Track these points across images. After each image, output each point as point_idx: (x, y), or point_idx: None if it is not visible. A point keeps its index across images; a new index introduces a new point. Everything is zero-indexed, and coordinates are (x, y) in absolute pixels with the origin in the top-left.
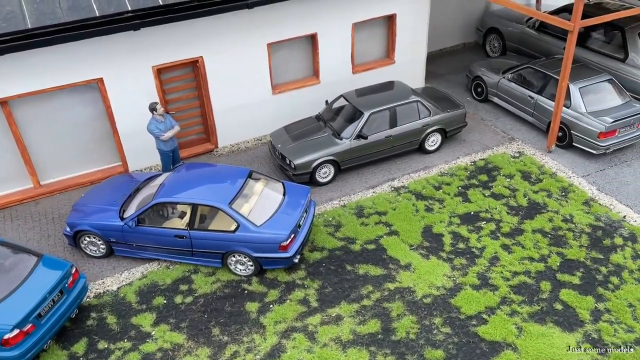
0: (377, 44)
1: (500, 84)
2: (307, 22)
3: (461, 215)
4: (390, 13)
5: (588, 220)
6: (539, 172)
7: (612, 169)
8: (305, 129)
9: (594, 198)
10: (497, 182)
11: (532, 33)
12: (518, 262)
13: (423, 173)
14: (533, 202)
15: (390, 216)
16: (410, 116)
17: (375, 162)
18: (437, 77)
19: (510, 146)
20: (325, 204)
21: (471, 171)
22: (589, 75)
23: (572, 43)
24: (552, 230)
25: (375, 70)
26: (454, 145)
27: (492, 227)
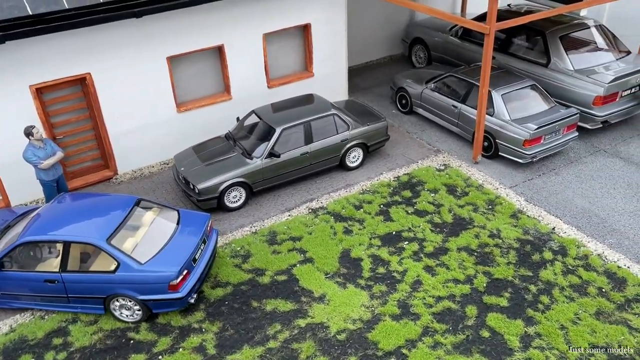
0: (293, 56)
1: (424, 95)
2: (212, 33)
3: (382, 236)
4: (304, 23)
5: (516, 234)
6: (465, 185)
7: (540, 178)
8: (212, 150)
9: (522, 210)
10: (421, 198)
11: (455, 41)
12: (442, 286)
13: (344, 192)
14: (458, 218)
15: (306, 241)
16: (327, 131)
17: (293, 182)
18: (362, 90)
19: (435, 159)
20: (234, 231)
21: (394, 187)
22: (512, 81)
23: (489, 47)
24: (479, 247)
25: (294, 84)
26: (377, 160)
27: (414, 248)
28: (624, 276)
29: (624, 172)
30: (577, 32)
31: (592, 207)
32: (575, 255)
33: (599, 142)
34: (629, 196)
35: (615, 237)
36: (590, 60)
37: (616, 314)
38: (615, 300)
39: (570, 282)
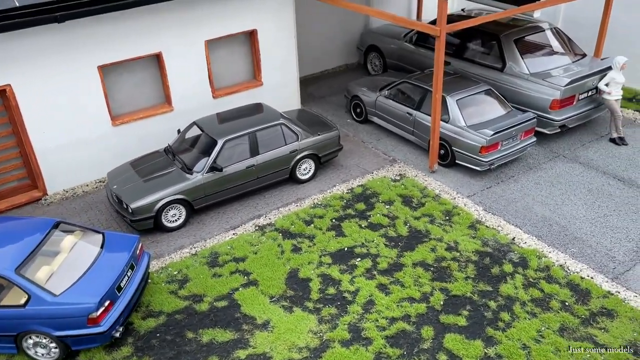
0: (240, 64)
1: (378, 102)
2: (148, 40)
3: (333, 253)
4: (250, 29)
5: (474, 246)
6: (421, 195)
7: (499, 186)
8: (149, 165)
9: (480, 220)
10: (376, 210)
11: (410, 48)
12: (396, 305)
13: (294, 206)
14: (414, 230)
15: (250, 262)
16: (274, 142)
17: (239, 197)
18: (317, 100)
19: (391, 169)
20: (172, 254)
21: (348, 200)
22: (467, 87)
23: (441, 50)
24: (435, 261)
25: (242, 94)
26: (330, 171)
27: (367, 264)
28: (588, 288)
29: (584, 177)
30: (531, 35)
31: (552, 215)
32: (536, 266)
33: (558, 147)
34: (589, 202)
35: (577, 246)
36: (546, 64)
37: (581, 330)
38: (579, 315)
39: (531, 296)
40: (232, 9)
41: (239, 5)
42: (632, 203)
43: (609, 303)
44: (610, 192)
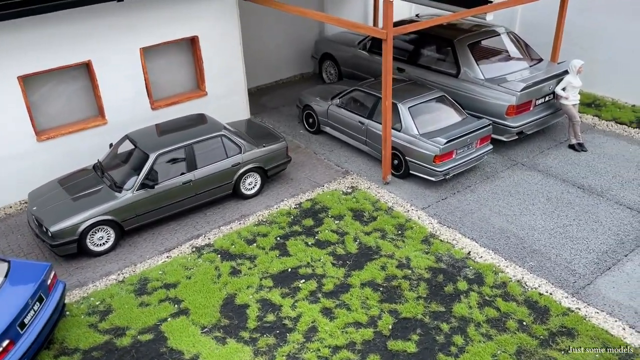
0: (182, 73)
1: (330, 112)
2: (76, 47)
3: (275, 275)
4: (191, 35)
5: (427, 262)
6: (373, 208)
7: (455, 197)
8: (75, 184)
9: (434, 234)
10: (324, 226)
11: (364, 55)
12: (340, 332)
13: (237, 224)
14: (364, 247)
15: (182, 288)
16: (215, 155)
17: (178, 216)
18: (269, 110)
19: (343, 181)
20: (97, 281)
21: (295, 216)
22: (419, 93)
23: (388, 54)
24: (385, 280)
25: (184, 105)
26: (279, 185)
27: (312, 287)
28: (547, 305)
29: (542, 185)
30: (487, 39)
31: (510, 227)
32: (492, 283)
33: (516, 155)
34: (548, 212)
35: (536, 259)
36: (502, 69)
37: (539, 352)
38: (537, 335)
39: (487, 316)
40: (170, 15)
41: (177, 11)
42: (592, 212)
43: (569, 321)
44: (569, 201)
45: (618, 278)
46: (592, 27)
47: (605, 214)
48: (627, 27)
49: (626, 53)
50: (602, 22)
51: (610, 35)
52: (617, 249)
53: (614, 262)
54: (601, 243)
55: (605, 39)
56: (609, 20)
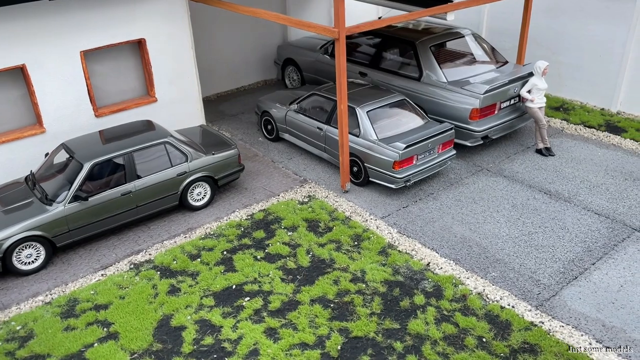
0: (129, 78)
1: (288, 118)
2: (7, 50)
3: (218, 293)
4: (137, 38)
5: (384, 275)
6: (330, 218)
7: (417, 205)
8: (4, 197)
9: (393, 244)
10: (276, 239)
11: (326, 59)
12: (284, 354)
13: (182, 238)
14: (317, 260)
15: (114, 310)
16: (157, 164)
17: (120, 230)
18: (229, 118)
19: (300, 190)
20: (23, 303)
21: (245, 228)
22: (379, 97)
23: (342, 54)
24: (337, 296)
25: (132, 112)
26: (232, 195)
27: (257, 305)
28: (508, 319)
29: (508, 191)
30: (450, 41)
31: (472, 235)
32: (451, 296)
33: (482, 161)
34: (513, 219)
35: (499, 270)
36: (465, 72)
37: None
38: (498, 353)
39: (444, 332)
40: (112, 16)
41: (120, 12)
42: (559, 218)
43: (532, 336)
44: (535, 207)
45: (585, 288)
46: (559, 29)
47: (572, 220)
48: (594, 29)
49: (594, 56)
50: (569, 24)
51: (577, 37)
52: (584, 257)
53: (581, 271)
54: (567, 251)
55: (572, 41)
56: (575, 23)
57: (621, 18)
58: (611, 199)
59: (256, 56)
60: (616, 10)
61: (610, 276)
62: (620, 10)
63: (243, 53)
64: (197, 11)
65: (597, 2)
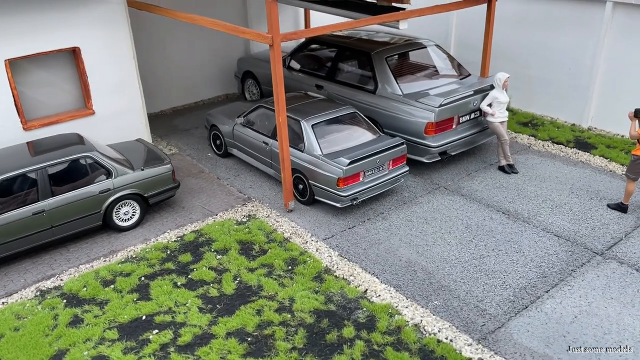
0: (63, 88)
1: (235, 132)
2: None
3: (124, 325)
4: (70, 47)
5: (314, 304)
6: (266, 240)
7: (364, 225)
8: None
9: (330, 269)
10: (202, 263)
11: (284, 72)
12: None
13: (101, 262)
14: (244, 287)
15: (4, 344)
16: (76, 180)
17: (36, 252)
18: (181, 133)
19: (241, 209)
20: None
21: (172, 250)
22: (327, 110)
23: (277, 61)
24: (257, 328)
25: (66, 125)
26: (166, 215)
27: (165, 338)
28: (444, 355)
29: (463, 211)
30: (409, 53)
31: (419, 259)
32: (385, 328)
33: (440, 178)
34: (465, 241)
35: (442, 297)
36: (423, 84)
37: None
38: None
39: None
40: (42, 23)
41: (51, 18)
42: (515, 240)
43: None
44: (491, 228)
45: (535, 319)
46: (528, 41)
47: (529, 243)
48: (564, 40)
49: (563, 69)
50: (538, 36)
51: (547, 50)
52: (538, 284)
53: (533, 299)
54: (520, 277)
55: (542, 54)
56: (545, 34)
57: (590, 28)
58: (574, 219)
59: (216, 69)
60: (586, 19)
61: (565, 305)
62: (589, 19)
63: (202, 65)
64: (149, 20)
65: (567, 11)
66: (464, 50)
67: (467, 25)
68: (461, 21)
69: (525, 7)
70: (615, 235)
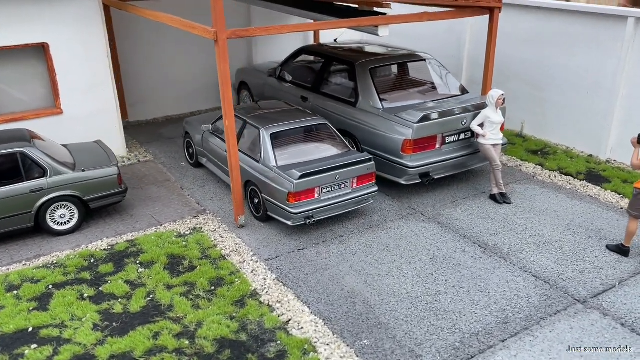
0: (31, 86)
1: (204, 140)
2: None
3: (6, 336)
4: (38, 42)
5: (223, 331)
6: (201, 256)
7: (317, 248)
8: None
9: (259, 293)
10: (120, 275)
11: (273, 83)
12: None
13: (18, 266)
14: (153, 305)
15: None
16: (5, 177)
17: None
18: (164, 141)
19: (190, 222)
20: None
21: (97, 259)
22: (293, 119)
23: (222, 59)
24: (146, 354)
25: (30, 123)
26: (111, 221)
27: (42, 355)
28: None
29: (434, 241)
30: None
31: (364, 290)
32: None
33: (420, 203)
34: (424, 274)
35: (375, 336)
36: (408, 99)
37: None
38: None
39: None
40: (7, 16)
41: (19, 12)
42: (483, 277)
43: None
44: (459, 262)
45: None
46: (542, 62)
47: (498, 282)
48: (580, 61)
49: (580, 92)
50: (553, 56)
51: (562, 71)
52: (495, 331)
53: (482, 349)
54: (476, 321)
55: (557, 76)
56: (559, 54)
57: (609, 47)
58: (561, 260)
59: (216, 79)
60: (604, 37)
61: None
62: (609, 37)
63: (200, 75)
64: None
65: (584, 28)
66: (477, 68)
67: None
68: (475, 38)
69: (539, 24)
70: (607, 281)
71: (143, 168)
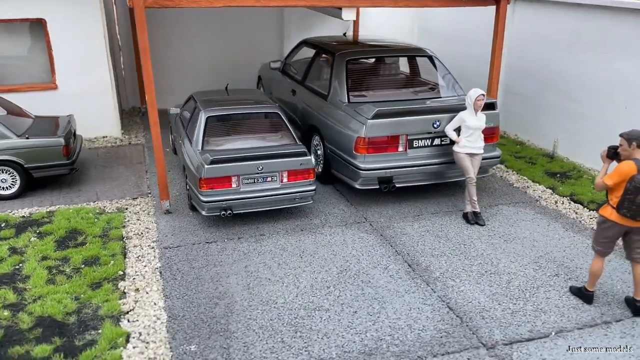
0: (30, 59)
1: (175, 124)
2: None
3: None
4: (36, 17)
5: (55, 310)
6: (101, 234)
7: (225, 243)
8: None
9: (124, 279)
10: (10, 242)
11: (276, 76)
12: None
13: None
14: (14, 273)
15: None
16: None
17: None
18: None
19: (125, 202)
20: None
21: (9, 224)
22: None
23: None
24: None
25: (23, 95)
26: (57, 193)
27: None
28: None
29: (358, 253)
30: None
31: (240, 293)
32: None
33: (377, 213)
34: (320, 287)
35: (208, 344)
36: (382, 95)
37: None
38: None
39: None
40: None
41: None
42: (385, 299)
43: None
44: (371, 279)
45: None
46: (579, 70)
47: (400, 308)
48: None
49: (618, 106)
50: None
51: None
52: None
53: None
54: (336, 346)
55: (593, 87)
56: (598, 61)
57: None
58: (498, 295)
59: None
60: None
61: None
62: None
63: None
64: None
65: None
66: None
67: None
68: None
69: (578, 25)
70: (541, 329)
71: (128, 150)
